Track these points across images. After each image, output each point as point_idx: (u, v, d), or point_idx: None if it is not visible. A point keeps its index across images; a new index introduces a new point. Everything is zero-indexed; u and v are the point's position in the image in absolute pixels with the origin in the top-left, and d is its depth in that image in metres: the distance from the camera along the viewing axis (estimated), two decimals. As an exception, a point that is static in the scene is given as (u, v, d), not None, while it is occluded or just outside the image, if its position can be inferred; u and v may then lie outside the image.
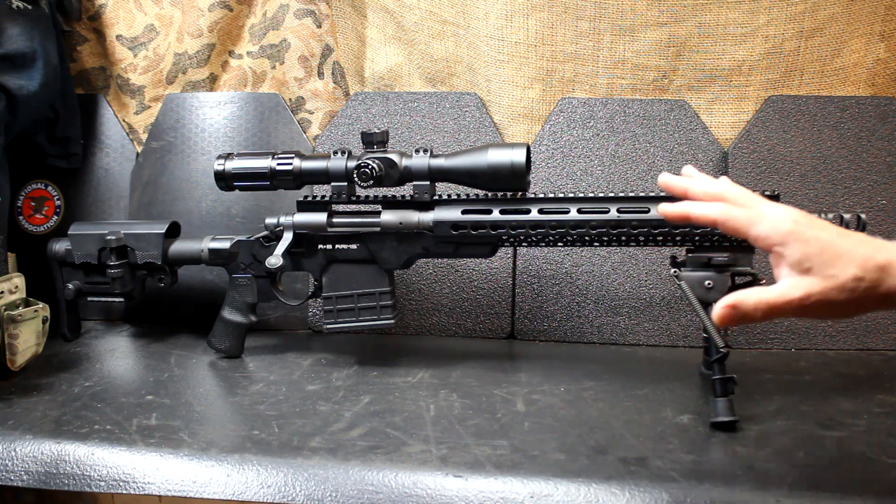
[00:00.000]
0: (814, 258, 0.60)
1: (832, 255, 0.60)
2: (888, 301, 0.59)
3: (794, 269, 0.61)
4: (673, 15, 1.13)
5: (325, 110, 1.30)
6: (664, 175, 0.71)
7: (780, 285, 0.62)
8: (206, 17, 1.28)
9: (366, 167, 0.96)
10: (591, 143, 1.18)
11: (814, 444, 0.77)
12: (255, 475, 0.74)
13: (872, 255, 0.59)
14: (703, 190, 0.68)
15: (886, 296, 0.59)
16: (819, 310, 0.61)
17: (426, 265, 1.20)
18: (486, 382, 0.97)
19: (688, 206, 0.67)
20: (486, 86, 1.22)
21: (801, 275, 0.61)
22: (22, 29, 1.15)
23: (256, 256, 1.07)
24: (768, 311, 0.61)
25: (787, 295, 0.61)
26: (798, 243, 0.61)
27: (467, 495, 0.70)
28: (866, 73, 1.14)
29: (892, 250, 0.60)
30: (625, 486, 0.69)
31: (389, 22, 1.28)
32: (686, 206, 0.67)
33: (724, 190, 0.67)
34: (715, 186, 0.68)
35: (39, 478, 0.78)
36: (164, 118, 1.30)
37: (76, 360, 1.08)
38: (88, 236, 1.11)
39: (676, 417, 0.85)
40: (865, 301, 0.59)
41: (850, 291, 0.59)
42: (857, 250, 0.60)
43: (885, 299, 0.59)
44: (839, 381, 0.97)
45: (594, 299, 1.16)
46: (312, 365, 1.06)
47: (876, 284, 0.59)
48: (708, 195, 0.67)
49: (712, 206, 0.65)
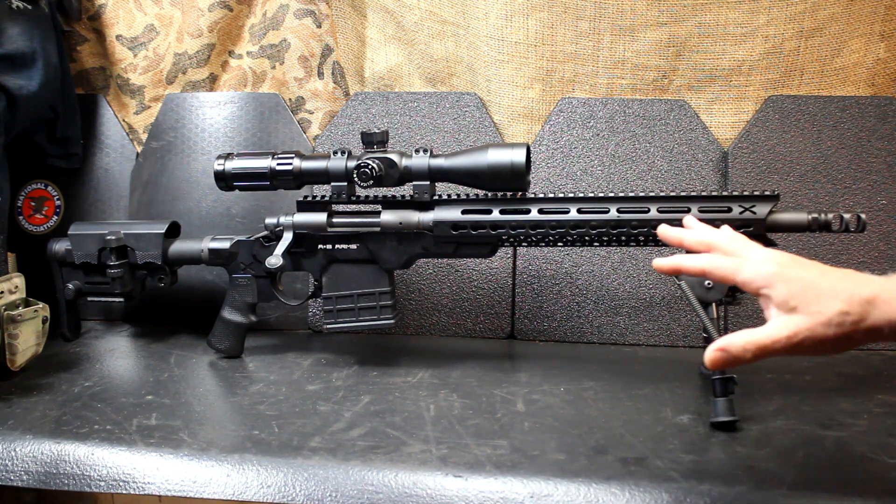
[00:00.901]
0: (798, 297, 0.62)
1: (816, 292, 0.61)
2: (876, 333, 0.60)
3: (782, 309, 0.63)
4: (673, 15, 1.13)
5: (325, 110, 1.30)
6: (662, 229, 0.77)
7: (768, 325, 0.63)
8: (206, 17, 1.28)
9: (366, 167, 0.96)
10: (591, 143, 1.18)
11: (814, 444, 0.77)
12: (255, 475, 0.74)
13: (857, 289, 0.61)
14: (696, 240, 0.73)
15: (874, 328, 0.60)
16: (809, 347, 0.62)
17: (426, 265, 1.20)
18: (486, 382, 0.97)
19: (678, 259, 0.71)
20: (486, 86, 1.22)
21: (787, 314, 0.62)
22: (22, 29, 1.15)
23: (256, 256, 1.07)
24: (758, 351, 0.62)
25: (776, 334, 0.62)
26: (782, 283, 0.63)
27: (467, 495, 0.70)
28: (866, 73, 1.14)
29: (877, 284, 0.61)
30: (625, 486, 0.69)
31: (389, 22, 1.28)
32: (677, 259, 0.71)
33: (715, 240, 0.71)
34: (708, 236, 0.72)
35: (39, 478, 0.78)
36: (164, 118, 1.30)
37: (76, 360, 1.08)
38: (88, 236, 1.11)
39: (676, 417, 0.85)
40: (853, 334, 0.60)
41: (837, 326, 0.60)
42: (840, 285, 0.61)
43: (872, 332, 0.60)
44: (839, 381, 0.97)
45: (594, 299, 1.16)
46: (312, 365, 1.06)
47: (862, 318, 0.60)
48: (701, 244, 0.72)
49: (700, 258, 0.69)
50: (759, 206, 0.88)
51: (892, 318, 0.59)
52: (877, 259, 1.11)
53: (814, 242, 1.12)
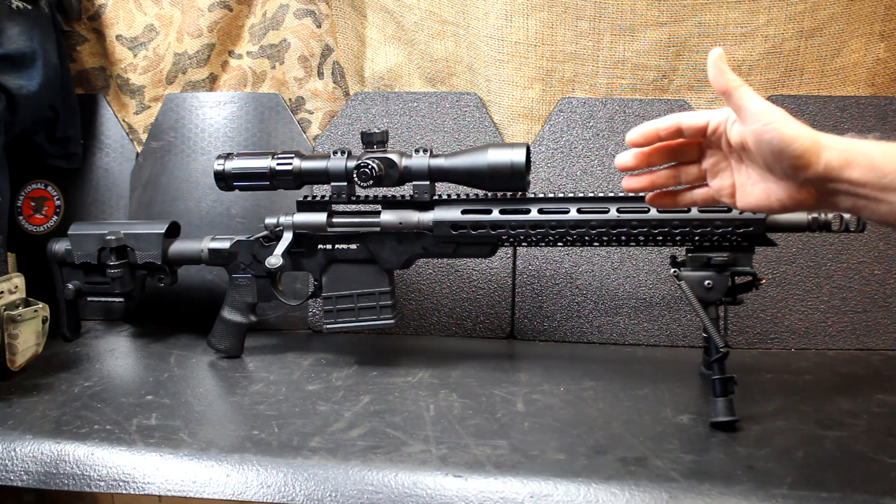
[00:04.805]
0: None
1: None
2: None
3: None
4: (673, 15, 1.13)
5: (325, 110, 1.30)
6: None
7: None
8: (205, 17, 1.28)
9: (366, 167, 0.96)
10: (591, 143, 1.18)
11: (814, 444, 0.77)
12: (255, 475, 0.74)
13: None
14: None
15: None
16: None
17: (426, 265, 1.20)
18: (486, 382, 0.97)
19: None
20: (486, 86, 1.22)
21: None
22: (22, 29, 1.15)
23: (256, 256, 1.07)
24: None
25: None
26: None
27: (467, 495, 0.70)
28: (866, 73, 1.14)
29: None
30: (625, 486, 0.69)
31: (389, 22, 1.28)
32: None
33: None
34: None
35: (39, 478, 0.78)
36: (163, 118, 1.30)
37: (76, 360, 1.08)
38: (88, 236, 1.11)
39: (676, 417, 0.85)
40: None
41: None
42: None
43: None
44: (839, 381, 0.97)
45: (594, 299, 1.16)
46: (312, 365, 1.06)
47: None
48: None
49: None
50: (759, 206, 0.88)
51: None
52: (877, 259, 1.11)
53: (814, 242, 1.12)
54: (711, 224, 0.89)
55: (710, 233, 0.90)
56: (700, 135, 0.73)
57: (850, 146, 0.63)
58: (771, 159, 0.66)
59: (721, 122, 0.71)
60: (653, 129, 0.73)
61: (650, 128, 0.73)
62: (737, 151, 0.71)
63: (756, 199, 0.70)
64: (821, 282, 1.12)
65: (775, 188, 0.68)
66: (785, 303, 1.12)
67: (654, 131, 0.73)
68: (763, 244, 0.90)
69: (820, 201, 0.67)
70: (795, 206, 0.68)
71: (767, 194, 0.69)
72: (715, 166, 0.74)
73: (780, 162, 0.65)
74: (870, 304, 1.11)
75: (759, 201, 0.70)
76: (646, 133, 0.74)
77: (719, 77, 0.68)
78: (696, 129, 0.72)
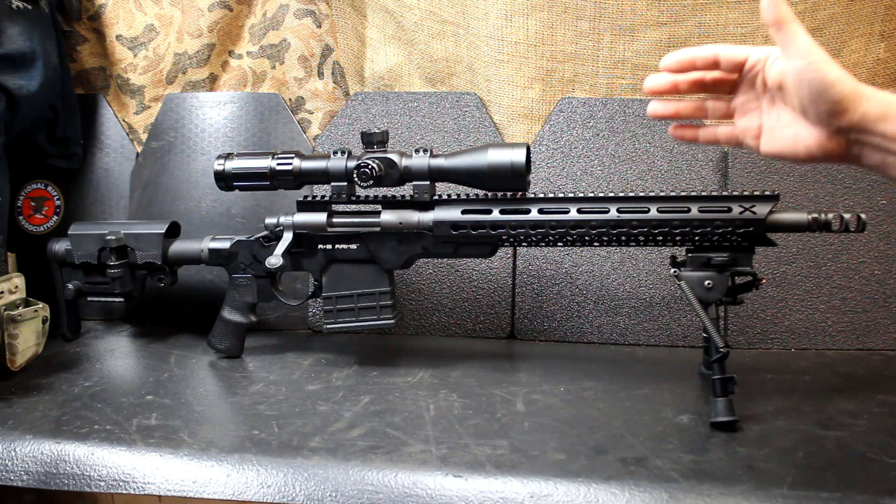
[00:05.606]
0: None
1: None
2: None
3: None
4: (673, 15, 1.13)
5: (325, 110, 1.30)
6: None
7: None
8: (206, 17, 1.28)
9: (366, 167, 0.96)
10: (591, 143, 1.18)
11: (814, 444, 0.77)
12: (255, 475, 0.74)
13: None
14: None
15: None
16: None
17: (426, 265, 1.20)
18: (486, 382, 0.97)
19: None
20: (486, 86, 1.22)
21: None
22: (22, 29, 1.15)
23: (256, 256, 1.07)
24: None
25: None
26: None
27: (467, 495, 0.70)
28: (866, 73, 1.14)
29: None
30: (625, 486, 0.69)
31: (389, 22, 1.28)
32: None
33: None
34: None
35: (39, 478, 0.78)
36: (163, 118, 1.30)
37: (76, 360, 1.08)
38: (88, 236, 1.11)
39: (676, 417, 0.85)
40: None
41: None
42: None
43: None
44: (839, 381, 0.97)
45: (594, 299, 1.16)
46: (312, 365, 1.06)
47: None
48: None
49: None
50: (759, 206, 0.88)
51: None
52: (877, 259, 1.11)
53: (814, 242, 1.12)
54: (711, 224, 0.89)
55: (710, 233, 0.89)
56: (737, 70, 0.71)
57: (890, 100, 0.63)
58: (808, 101, 0.64)
59: (760, 59, 0.69)
60: (689, 56, 0.72)
61: (687, 55, 0.72)
62: (771, 92, 0.69)
63: (782, 145, 0.69)
64: (821, 282, 1.12)
65: (805, 134, 0.67)
66: (785, 303, 1.12)
67: (691, 59, 0.72)
68: (763, 244, 0.90)
69: (847, 154, 0.66)
70: (822, 156, 0.67)
71: (795, 140, 0.68)
72: (745, 105, 0.73)
73: (817, 105, 0.64)
74: (870, 304, 1.11)
75: (785, 147, 0.69)
76: (681, 60, 0.72)
77: (772, 7, 0.64)
78: (734, 63, 0.70)
